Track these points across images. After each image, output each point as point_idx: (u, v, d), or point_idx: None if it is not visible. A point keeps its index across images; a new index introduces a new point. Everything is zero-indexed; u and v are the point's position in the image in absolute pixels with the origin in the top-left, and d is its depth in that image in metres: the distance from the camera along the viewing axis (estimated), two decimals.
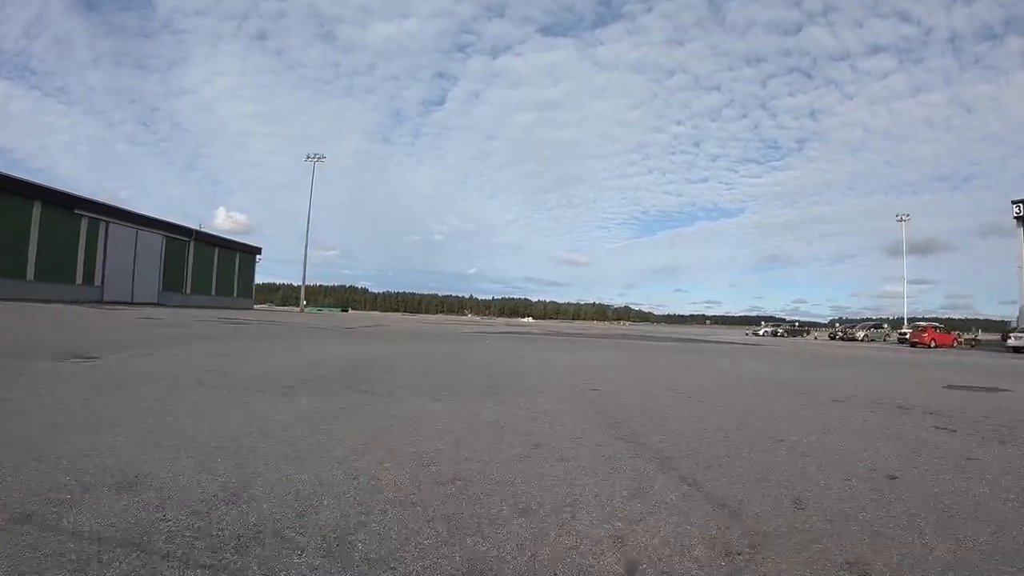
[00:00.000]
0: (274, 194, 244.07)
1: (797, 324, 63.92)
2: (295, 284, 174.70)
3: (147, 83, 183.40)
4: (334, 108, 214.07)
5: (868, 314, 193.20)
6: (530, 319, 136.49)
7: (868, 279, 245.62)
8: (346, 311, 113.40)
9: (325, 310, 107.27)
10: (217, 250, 54.94)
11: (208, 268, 53.00)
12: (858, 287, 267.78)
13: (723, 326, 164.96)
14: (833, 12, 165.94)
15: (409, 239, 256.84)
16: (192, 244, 49.94)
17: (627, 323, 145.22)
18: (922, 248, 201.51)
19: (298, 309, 62.96)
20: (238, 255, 59.14)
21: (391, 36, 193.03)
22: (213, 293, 53.29)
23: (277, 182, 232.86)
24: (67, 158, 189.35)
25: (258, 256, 64.05)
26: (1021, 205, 37.77)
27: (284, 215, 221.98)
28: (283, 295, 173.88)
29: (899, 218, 60.84)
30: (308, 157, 63.52)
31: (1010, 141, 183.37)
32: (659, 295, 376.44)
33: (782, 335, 53.20)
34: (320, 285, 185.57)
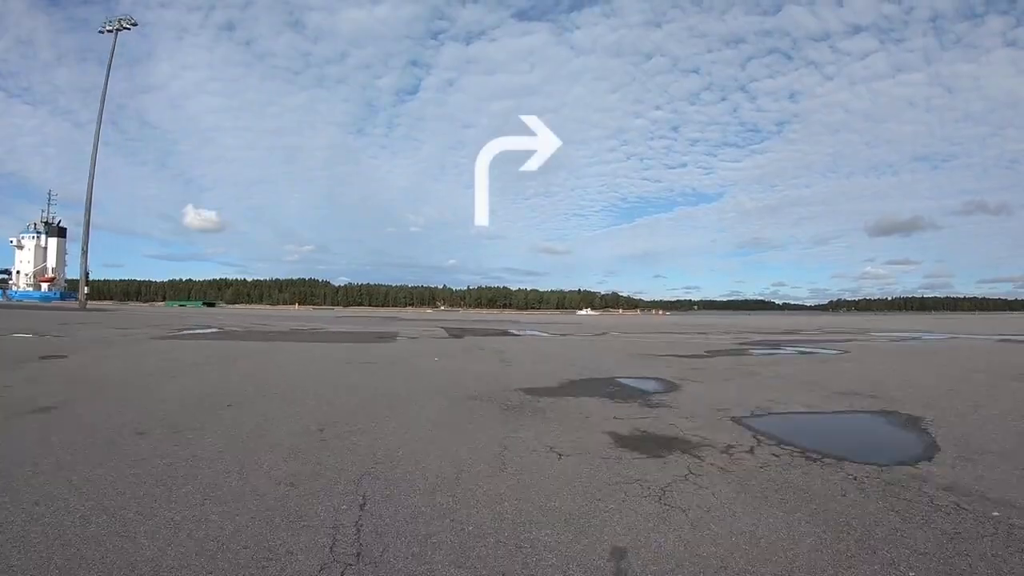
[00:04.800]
0: (248, 190, 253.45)
1: None
2: (255, 279, 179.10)
3: (113, 79, 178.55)
4: (306, 99, 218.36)
5: (848, 295, 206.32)
6: (509, 313, 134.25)
7: (849, 261, 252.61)
8: (212, 305, 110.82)
9: (190, 305, 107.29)
10: None
11: None
12: (839, 269, 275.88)
13: (711, 311, 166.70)
14: None
15: (386, 232, 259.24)
16: None
17: (663, 312, 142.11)
18: (904, 227, 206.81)
19: (162, 305, 61.61)
20: None
21: (362, 23, 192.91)
22: None
23: (250, 177, 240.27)
24: (37, 161, 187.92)
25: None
26: None
27: (259, 211, 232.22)
28: (234, 291, 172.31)
29: None
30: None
31: (991, 120, 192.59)
32: (639, 282, 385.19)
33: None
34: (276, 279, 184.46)
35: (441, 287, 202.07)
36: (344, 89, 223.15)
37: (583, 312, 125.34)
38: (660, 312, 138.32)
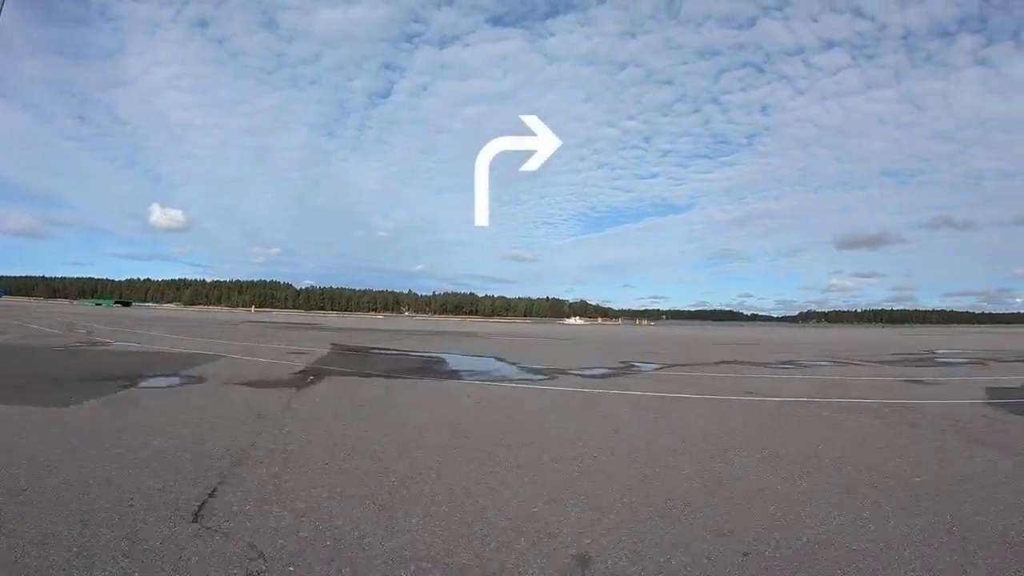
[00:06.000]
0: (217, 190, 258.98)
1: None
2: (215, 280, 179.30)
3: (83, 73, 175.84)
4: (278, 99, 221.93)
5: (814, 307, 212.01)
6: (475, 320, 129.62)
7: (816, 273, 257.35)
8: (128, 305, 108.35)
9: (105, 303, 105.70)
10: None
11: None
12: (806, 281, 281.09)
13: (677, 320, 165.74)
14: (788, 6, 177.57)
15: (353, 235, 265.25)
16: None
17: (646, 321, 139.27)
18: (871, 241, 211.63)
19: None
20: None
21: (336, 24, 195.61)
22: None
23: (220, 177, 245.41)
24: (2, 156, 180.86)
25: None
26: None
27: (227, 211, 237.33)
28: (192, 292, 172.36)
29: None
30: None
31: (959, 138, 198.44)
32: (607, 291, 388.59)
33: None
34: (237, 281, 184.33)
35: (407, 292, 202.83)
36: (317, 90, 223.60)
37: (572, 321, 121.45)
38: (642, 321, 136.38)
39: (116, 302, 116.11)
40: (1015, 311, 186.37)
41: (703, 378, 11.48)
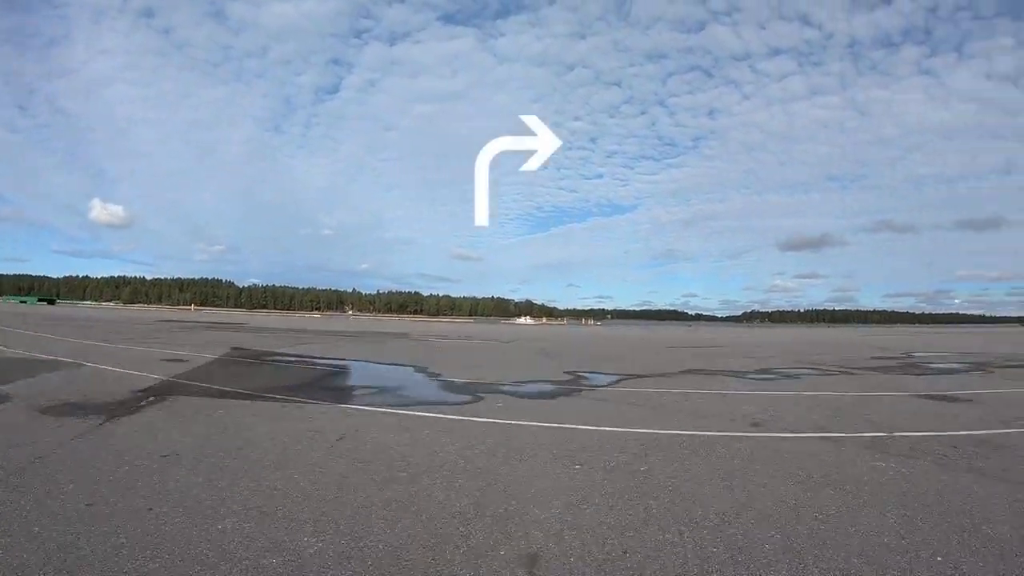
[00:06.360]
0: (160, 185, 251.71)
1: None
2: (156, 278, 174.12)
3: (26, 62, 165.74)
4: (223, 93, 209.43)
5: (757, 307, 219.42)
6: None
7: (759, 274, 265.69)
8: (52, 303, 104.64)
9: (29, 301, 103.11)
10: None
11: None
12: (749, 281, 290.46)
13: (627, 319, 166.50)
14: (738, 12, 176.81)
15: (299, 233, 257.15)
16: None
17: (592, 321, 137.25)
18: (814, 243, 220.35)
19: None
20: None
21: (286, 17, 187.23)
22: None
23: (163, 172, 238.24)
24: None
25: None
26: None
27: (170, 207, 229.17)
28: (131, 290, 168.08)
29: None
30: None
31: (900, 144, 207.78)
32: (552, 290, 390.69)
33: None
34: (179, 278, 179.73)
35: (351, 291, 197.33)
36: (264, 84, 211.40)
37: (522, 321, 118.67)
38: (587, 321, 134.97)
39: (40, 299, 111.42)
40: (953, 311, 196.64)
41: (678, 397, 8.67)
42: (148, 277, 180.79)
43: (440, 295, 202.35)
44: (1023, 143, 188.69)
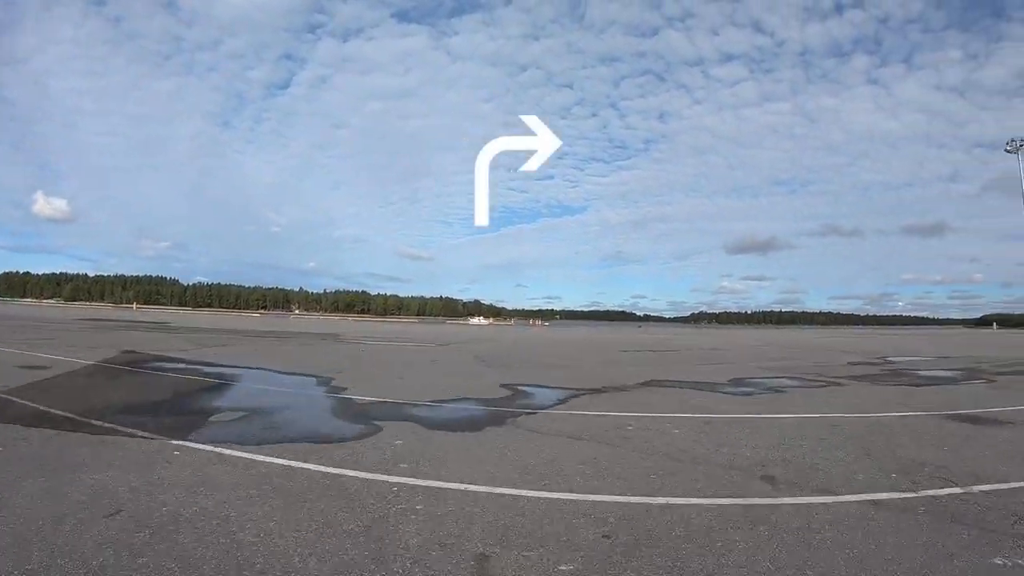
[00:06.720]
0: (107, 180, 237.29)
1: None
2: (98, 275, 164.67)
3: None
4: (173, 86, 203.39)
5: (705, 308, 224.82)
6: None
7: (707, 275, 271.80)
8: None
9: None
10: None
11: None
12: (697, 283, 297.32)
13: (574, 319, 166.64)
14: (691, 18, 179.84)
15: (246, 230, 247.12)
16: None
17: (540, 321, 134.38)
18: (761, 247, 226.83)
19: None
20: None
21: (239, 9, 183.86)
22: None
23: (110, 166, 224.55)
24: None
25: None
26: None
27: (117, 202, 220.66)
28: (73, 288, 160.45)
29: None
30: None
31: (847, 151, 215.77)
32: (501, 291, 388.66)
33: None
34: (122, 275, 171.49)
35: (298, 290, 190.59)
36: (214, 78, 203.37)
37: (476, 321, 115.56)
38: (535, 322, 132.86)
39: None
40: (896, 314, 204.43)
41: (647, 425, 6.43)
42: (91, 274, 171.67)
43: (388, 295, 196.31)
44: (968, 153, 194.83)
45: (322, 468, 4.42)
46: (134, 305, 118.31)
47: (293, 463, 4.52)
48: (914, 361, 17.89)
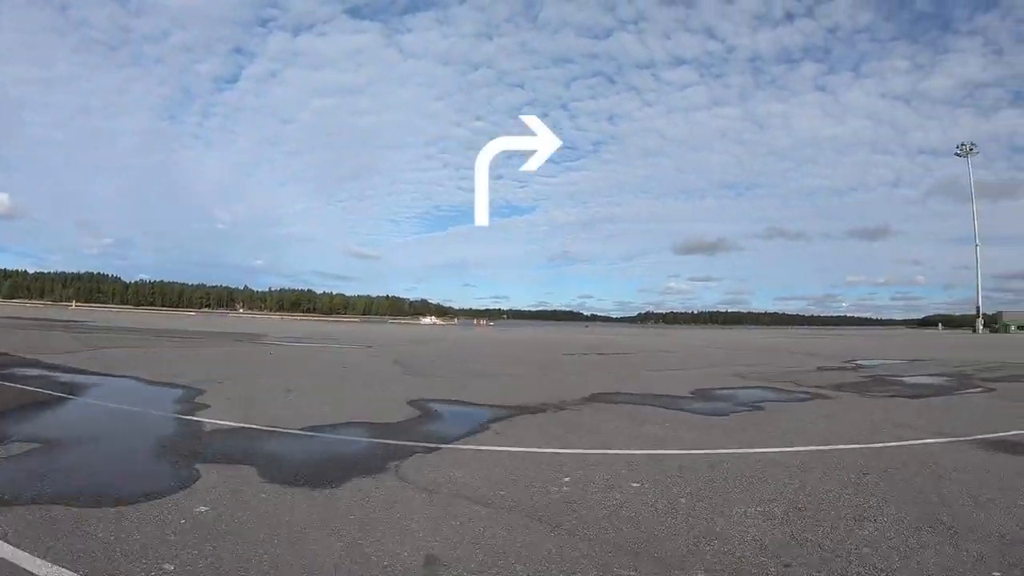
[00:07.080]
0: (49, 174, 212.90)
1: None
2: (38, 272, 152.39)
3: None
4: (119, 79, 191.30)
5: (652, 308, 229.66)
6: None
7: (654, 276, 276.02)
8: None
9: None
10: None
11: None
12: (645, 283, 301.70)
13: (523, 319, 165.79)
14: (644, 22, 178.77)
15: (192, 227, 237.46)
16: None
17: (486, 321, 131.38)
18: (708, 248, 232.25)
19: None
20: None
21: (190, 1, 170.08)
22: None
23: (52, 160, 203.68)
24: None
25: None
26: None
27: (59, 197, 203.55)
28: (12, 285, 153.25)
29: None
30: None
31: (794, 156, 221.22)
32: (448, 290, 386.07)
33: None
34: (60, 272, 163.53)
35: (243, 288, 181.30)
36: (161, 71, 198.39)
37: (427, 321, 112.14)
38: (481, 321, 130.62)
39: None
40: (840, 315, 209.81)
41: (592, 474, 4.30)
42: (31, 271, 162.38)
43: (334, 293, 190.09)
44: (911, 159, 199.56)
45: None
46: (72, 304, 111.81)
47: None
48: (887, 365, 16.62)
